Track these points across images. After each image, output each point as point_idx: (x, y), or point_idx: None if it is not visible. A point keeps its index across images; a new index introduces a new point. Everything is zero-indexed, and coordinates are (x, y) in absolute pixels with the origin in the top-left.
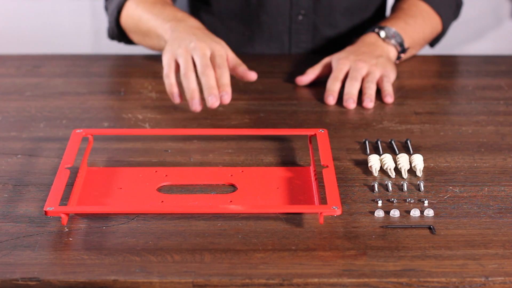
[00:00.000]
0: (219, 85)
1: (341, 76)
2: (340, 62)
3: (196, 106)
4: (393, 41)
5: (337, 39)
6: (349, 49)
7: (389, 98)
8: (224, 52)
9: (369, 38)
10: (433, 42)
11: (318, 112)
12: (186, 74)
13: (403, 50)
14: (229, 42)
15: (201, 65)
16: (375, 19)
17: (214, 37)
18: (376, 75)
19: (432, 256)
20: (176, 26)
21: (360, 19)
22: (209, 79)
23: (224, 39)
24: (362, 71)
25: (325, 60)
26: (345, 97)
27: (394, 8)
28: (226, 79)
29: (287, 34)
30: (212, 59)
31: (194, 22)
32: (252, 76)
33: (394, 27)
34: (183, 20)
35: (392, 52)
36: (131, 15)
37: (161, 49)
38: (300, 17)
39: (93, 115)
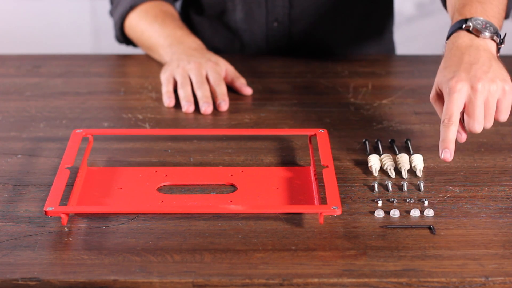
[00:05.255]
0: (216, 95)
1: (459, 115)
2: (453, 90)
3: (188, 107)
4: (487, 33)
5: (313, 45)
6: (449, 63)
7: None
8: (220, 70)
9: (462, 39)
10: (508, 13)
11: (318, 112)
12: (182, 85)
13: (501, 40)
14: (217, 44)
15: (197, 81)
16: (353, 24)
17: (212, 56)
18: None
19: (432, 256)
20: (176, 48)
21: (337, 25)
22: (204, 91)
23: (212, 41)
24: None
25: (434, 91)
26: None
27: None
28: (223, 89)
29: (265, 41)
30: (208, 77)
31: (192, 43)
32: (248, 91)
33: (477, 14)
34: (182, 41)
35: (493, 48)
36: (134, 29)
37: (162, 63)
38: (276, 24)
39: (93, 115)
